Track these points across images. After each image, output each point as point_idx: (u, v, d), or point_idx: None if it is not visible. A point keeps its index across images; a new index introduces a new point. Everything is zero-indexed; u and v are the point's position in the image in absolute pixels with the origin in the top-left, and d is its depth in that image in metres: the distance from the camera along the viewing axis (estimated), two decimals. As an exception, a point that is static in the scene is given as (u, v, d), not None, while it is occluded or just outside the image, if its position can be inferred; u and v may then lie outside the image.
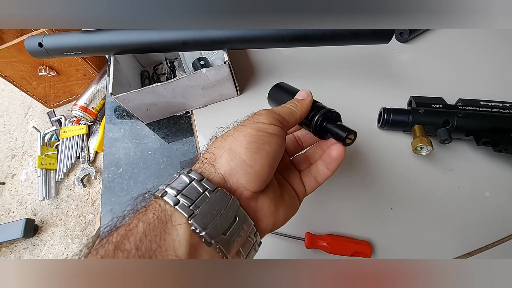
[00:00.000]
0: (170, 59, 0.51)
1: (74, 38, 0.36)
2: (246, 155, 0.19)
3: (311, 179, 0.25)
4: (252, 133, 0.20)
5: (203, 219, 0.17)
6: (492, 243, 0.31)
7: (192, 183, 0.18)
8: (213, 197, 0.18)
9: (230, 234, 0.18)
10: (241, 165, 0.19)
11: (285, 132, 0.22)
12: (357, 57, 0.46)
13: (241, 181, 0.19)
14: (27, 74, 1.13)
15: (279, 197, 0.22)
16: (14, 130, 1.39)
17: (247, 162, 0.19)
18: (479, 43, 0.46)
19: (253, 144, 0.19)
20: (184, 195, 0.17)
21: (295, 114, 0.23)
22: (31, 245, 1.09)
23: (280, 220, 0.22)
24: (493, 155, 0.36)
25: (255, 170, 0.19)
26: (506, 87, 0.41)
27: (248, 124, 0.21)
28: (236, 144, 0.20)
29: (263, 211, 0.21)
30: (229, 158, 0.19)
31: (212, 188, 0.18)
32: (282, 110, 0.23)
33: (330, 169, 0.24)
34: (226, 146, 0.20)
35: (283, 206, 0.22)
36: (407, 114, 0.36)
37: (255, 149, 0.19)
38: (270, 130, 0.20)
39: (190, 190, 0.18)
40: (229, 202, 0.18)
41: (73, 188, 1.18)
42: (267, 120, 0.21)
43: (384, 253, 0.32)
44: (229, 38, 0.35)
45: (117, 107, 0.49)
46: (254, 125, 0.20)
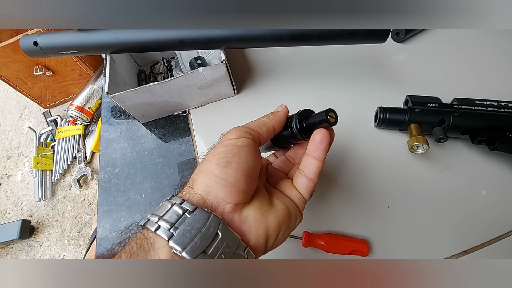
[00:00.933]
0: (167, 58, 0.51)
1: (69, 36, 0.36)
2: (217, 170, 0.20)
3: (301, 178, 0.24)
4: (221, 150, 0.21)
5: (181, 239, 0.17)
6: (488, 241, 0.31)
7: (173, 207, 0.19)
8: (192, 217, 0.18)
9: (213, 251, 0.17)
10: (215, 179, 0.20)
11: (256, 142, 0.22)
12: (353, 57, 0.47)
13: (219, 195, 0.20)
14: (23, 74, 1.12)
15: (267, 204, 0.22)
16: (10, 130, 1.37)
17: (219, 176, 0.20)
18: (474, 43, 0.46)
19: (222, 160, 0.20)
20: (164, 220, 0.18)
21: (267, 124, 0.24)
22: (27, 246, 1.09)
23: (272, 227, 0.21)
24: (488, 154, 0.36)
25: (229, 181, 0.20)
26: (501, 86, 0.41)
27: (218, 144, 0.22)
28: (207, 164, 0.21)
29: (249, 221, 0.21)
30: (204, 177, 0.20)
31: (191, 208, 0.18)
32: (252, 123, 0.24)
33: (318, 157, 0.22)
34: (200, 168, 0.21)
35: (273, 213, 0.22)
36: (403, 113, 0.36)
37: (225, 163, 0.20)
38: (239, 143, 0.21)
39: (170, 214, 0.18)
40: (209, 219, 0.18)
41: (70, 189, 1.17)
42: (234, 135, 0.22)
43: (381, 251, 0.32)
44: (226, 37, 0.35)
45: (114, 107, 0.48)
46: (223, 142, 0.22)
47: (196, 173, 0.21)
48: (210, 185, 0.20)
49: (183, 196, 0.20)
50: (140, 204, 0.39)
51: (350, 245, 0.31)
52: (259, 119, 0.24)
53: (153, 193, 0.40)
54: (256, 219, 0.21)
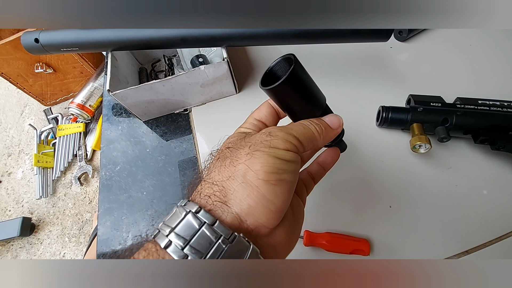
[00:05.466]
0: (168, 56, 0.51)
1: (71, 34, 0.36)
2: (265, 188, 0.16)
3: None
4: (269, 161, 0.16)
5: None
6: (490, 241, 0.31)
7: (202, 230, 0.15)
8: (230, 250, 0.15)
9: None
10: (261, 201, 0.16)
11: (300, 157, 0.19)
12: (356, 55, 0.46)
13: (260, 219, 0.16)
14: (24, 72, 1.12)
15: (292, 220, 0.19)
16: (11, 128, 1.37)
17: (267, 197, 0.16)
18: (477, 42, 0.46)
19: (273, 175, 0.16)
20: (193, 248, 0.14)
21: (315, 142, 0.19)
22: (28, 244, 1.09)
23: (292, 247, 0.19)
24: (491, 154, 0.36)
25: (277, 206, 0.17)
26: (504, 86, 0.41)
27: (262, 149, 0.17)
28: (251, 175, 0.16)
29: (280, 247, 0.18)
30: (245, 193, 0.16)
31: (227, 235, 0.15)
32: (301, 133, 0.19)
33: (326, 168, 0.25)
34: (238, 177, 0.17)
35: (297, 230, 0.20)
36: (405, 112, 0.36)
37: (275, 181, 0.16)
38: (287, 157, 0.17)
39: (200, 240, 0.15)
40: (248, 252, 0.15)
41: (70, 187, 1.17)
42: (283, 145, 0.17)
43: (383, 251, 0.32)
44: (228, 35, 0.34)
45: (115, 104, 0.48)
46: (269, 150, 0.17)
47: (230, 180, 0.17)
48: (253, 207, 0.16)
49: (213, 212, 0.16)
50: (142, 202, 0.39)
51: (352, 245, 0.31)
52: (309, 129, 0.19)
53: (155, 191, 0.40)
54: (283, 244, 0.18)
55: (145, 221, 0.38)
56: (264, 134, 0.18)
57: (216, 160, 0.19)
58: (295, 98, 0.20)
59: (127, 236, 0.37)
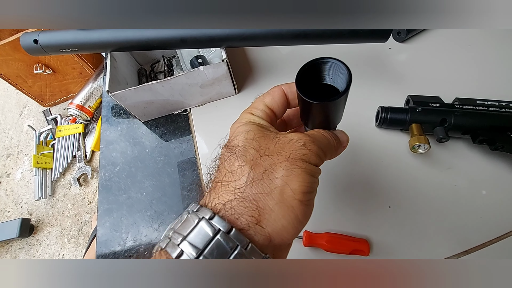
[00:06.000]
0: (167, 57, 0.51)
1: (70, 34, 0.36)
2: (300, 209, 0.16)
3: None
4: (306, 180, 0.16)
5: None
6: (490, 241, 0.31)
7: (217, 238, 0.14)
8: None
9: None
10: (294, 222, 0.16)
11: None
12: (355, 56, 0.47)
13: (286, 238, 0.16)
14: (23, 72, 1.12)
15: None
16: (10, 129, 1.37)
17: (300, 219, 0.16)
18: (476, 42, 0.46)
19: (307, 195, 0.16)
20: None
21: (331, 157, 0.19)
22: (27, 245, 1.09)
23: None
24: (489, 154, 0.36)
25: (304, 225, 0.17)
26: (502, 86, 0.41)
27: (300, 164, 0.16)
28: (289, 194, 0.16)
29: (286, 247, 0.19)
30: (281, 213, 0.16)
31: (243, 245, 0.15)
32: (327, 148, 0.18)
33: None
34: (275, 195, 0.16)
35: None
36: (404, 112, 0.36)
37: (307, 201, 0.16)
38: (318, 174, 0.17)
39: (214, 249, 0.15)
40: None
41: (69, 188, 1.17)
42: (316, 161, 0.17)
43: (382, 251, 0.32)
44: (227, 36, 0.34)
45: (114, 105, 0.48)
46: (306, 167, 0.16)
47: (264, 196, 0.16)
48: (286, 227, 0.16)
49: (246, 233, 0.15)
50: (141, 203, 0.39)
51: (351, 245, 0.31)
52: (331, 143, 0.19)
53: (154, 191, 0.40)
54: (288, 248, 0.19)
55: (145, 222, 0.38)
56: (298, 142, 0.17)
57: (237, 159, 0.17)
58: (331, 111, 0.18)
59: (127, 237, 0.37)
